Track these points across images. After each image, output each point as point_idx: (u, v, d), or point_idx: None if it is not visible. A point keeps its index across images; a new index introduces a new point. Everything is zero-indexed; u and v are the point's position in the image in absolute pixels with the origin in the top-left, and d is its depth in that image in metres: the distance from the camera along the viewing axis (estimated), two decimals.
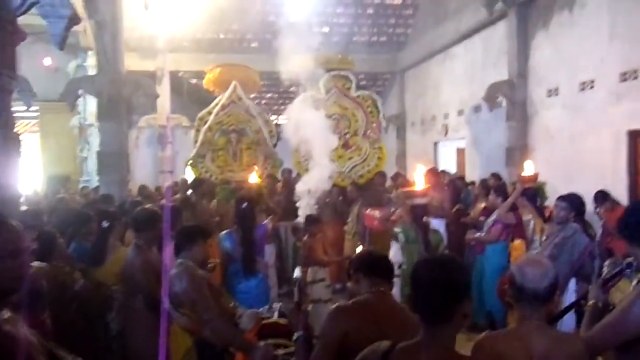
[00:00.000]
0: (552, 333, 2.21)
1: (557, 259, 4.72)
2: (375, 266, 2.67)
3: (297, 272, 2.81)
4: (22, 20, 4.72)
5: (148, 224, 3.99)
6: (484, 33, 11.99)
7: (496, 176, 8.94)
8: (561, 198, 5.06)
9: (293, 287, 8.22)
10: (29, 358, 1.83)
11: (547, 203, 6.98)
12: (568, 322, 4.31)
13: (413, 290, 1.93)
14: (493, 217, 6.72)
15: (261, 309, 3.55)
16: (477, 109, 12.30)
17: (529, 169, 6.41)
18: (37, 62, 15.34)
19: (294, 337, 2.59)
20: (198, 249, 3.58)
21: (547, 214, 6.50)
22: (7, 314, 1.87)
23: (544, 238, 5.24)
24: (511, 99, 10.25)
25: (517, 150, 10.20)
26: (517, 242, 5.96)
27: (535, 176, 6.70)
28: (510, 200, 6.21)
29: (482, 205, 7.56)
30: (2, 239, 1.90)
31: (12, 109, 3.97)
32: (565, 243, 4.84)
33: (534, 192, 6.33)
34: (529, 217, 5.91)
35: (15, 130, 3.96)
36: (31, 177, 16.92)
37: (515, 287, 2.20)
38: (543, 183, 6.79)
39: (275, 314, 3.41)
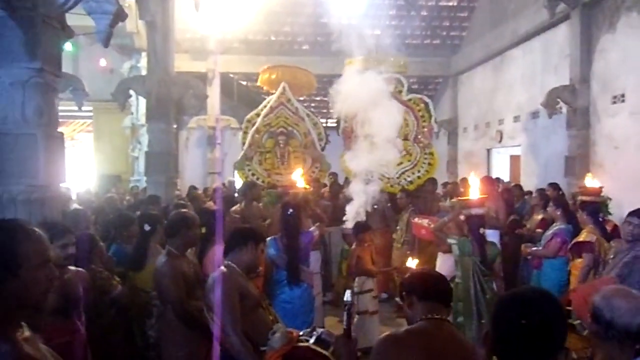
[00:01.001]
0: None
1: (627, 279, 4.33)
2: (431, 289, 2.36)
3: (347, 296, 2.49)
4: (77, 21, 4.68)
5: (178, 229, 3.84)
6: (544, 36, 11.49)
7: (554, 186, 8.49)
8: (632, 214, 4.65)
9: (339, 300, 8.07)
10: None
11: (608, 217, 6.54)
12: None
13: (494, 332, 1.60)
14: (551, 230, 6.35)
15: (302, 332, 3.26)
16: (534, 115, 11.81)
17: (591, 182, 6.02)
18: (93, 63, 15.68)
19: None
20: (247, 253, 3.37)
21: (608, 229, 6.08)
22: (26, 332, 1.74)
23: (610, 256, 4.85)
24: (572, 105, 9.75)
25: (578, 159, 9.69)
26: (580, 261, 5.55)
27: (599, 190, 6.29)
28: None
29: (540, 216, 7.17)
30: (31, 249, 1.77)
31: (67, 108, 3.90)
32: (636, 262, 4.45)
33: (596, 207, 5.91)
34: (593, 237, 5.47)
35: (59, 129, 3.87)
36: (85, 175, 17.31)
37: (603, 323, 1.88)
38: (607, 198, 6.36)
39: (312, 339, 3.09)
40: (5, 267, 1.69)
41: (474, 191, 5.53)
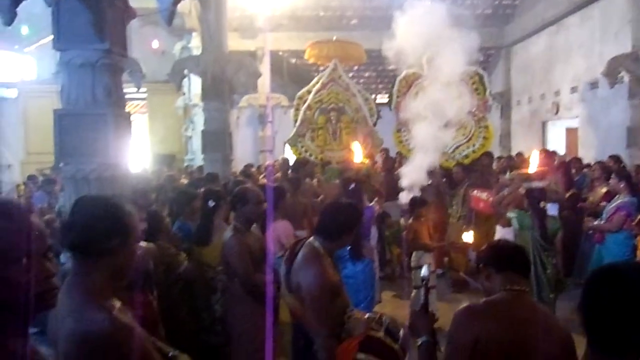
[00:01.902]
0: None
1: None
2: (509, 260, 2.32)
3: (424, 271, 2.46)
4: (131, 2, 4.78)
5: (243, 202, 3.88)
6: (603, 1, 11.02)
7: (615, 158, 8.23)
8: None
9: (396, 272, 8.08)
10: (143, 349, 1.83)
11: None
12: None
13: (585, 307, 1.50)
14: (614, 203, 6.16)
15: (368, 315, 3.24)
16: (593, 85, 11.41)
17: None
18: (145, 45, 15.95)
19: (418, 343, 2.28)
20: (340, 242, 3.20)
21: None
22: (118, 303, 1.83)
23: None
24: (635, 74, 9.35)
25: None
26: None
27: None
28: None
29: (604, 189, 6.95)
30: (134, 223, 1.92)
31: (124, 89, 3.99)
32: None
33: None
34: None
35: (126, 109, 3.98)
36: (140, 156, 17.77)
37: None
38: None
39: (382, 329, 3.06)
40: (122, 238, 1.83)
41: (534, 164, 5.42)
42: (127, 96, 4.10)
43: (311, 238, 3.12)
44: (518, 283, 2.26)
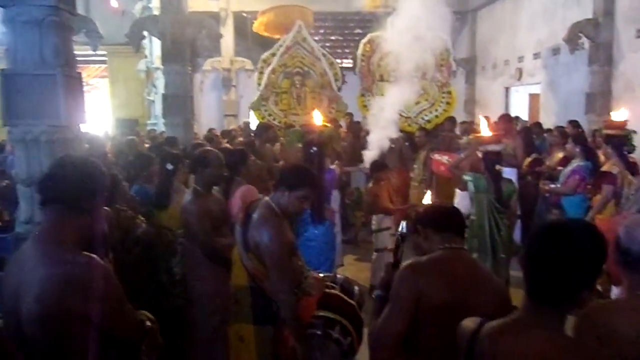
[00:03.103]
0: None
1: None
2: (446, 221, 2.42)
3: (402, 226, 2.55)
4: None
5: (204, 165, 3.86)
6: None
7: (574, 123, 8.39)
8: None
9: (358, 236, 8.17)
10: (121, 291, 2.01)
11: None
12: None
13: (526, 261, 1.57)
14: (570, 167, 6.31)
15: (322, 275, 3.29)
16: (555, 51, 11.52)
17: (618, 115, 5.92)
18: (105, 5, 15.46)
19: (373, 295, 2.38)
20: (298, 194, 3.06)
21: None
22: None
23: (631, 193, 4.83)
24: (595, 40, 9.47)
25: (599, 97, 9.50)
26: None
27: (623, 123, 6.19)
28: None
29: (561, 154, 7.10)
30: (106, 184, 2.08)
31: (80, 52, 3.86)
32: None
33: (621, 140, 5.83)
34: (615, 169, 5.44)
35: (77, 70, 3.86)
36: (102, 120, 17.38)
37: (622, 252, 1.90)
38: (632, 131, 6.25)
39: (338, 286, 3.12)
40: (100, 198, 2.01)
41: (490, 128, 5.49)
42: (86, 59, 3.97)
43: (266, 198, 3.13)
44: (455, 241, 2.36)
